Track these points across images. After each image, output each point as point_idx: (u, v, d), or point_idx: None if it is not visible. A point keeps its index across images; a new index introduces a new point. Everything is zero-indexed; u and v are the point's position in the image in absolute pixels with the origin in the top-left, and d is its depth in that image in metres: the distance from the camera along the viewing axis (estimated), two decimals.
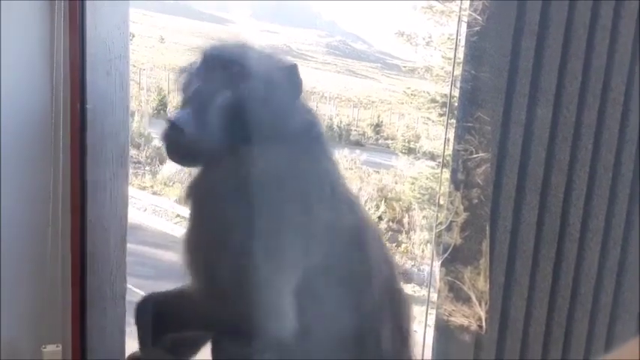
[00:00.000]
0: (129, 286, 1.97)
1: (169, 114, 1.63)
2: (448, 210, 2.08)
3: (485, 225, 2.05)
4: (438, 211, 2.18)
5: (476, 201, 2.05)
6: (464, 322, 2.08)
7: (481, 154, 2.02)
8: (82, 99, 1.77)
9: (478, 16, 1.97)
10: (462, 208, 2.05)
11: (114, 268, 1.92)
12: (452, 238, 2.07)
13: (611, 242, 2.16)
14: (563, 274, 2.14)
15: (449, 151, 2.13)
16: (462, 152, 2.04)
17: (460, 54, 2.07)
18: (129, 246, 1.96)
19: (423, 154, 9.60)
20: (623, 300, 2.20)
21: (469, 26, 2.00)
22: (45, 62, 1.74)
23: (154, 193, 9.35)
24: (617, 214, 2.15)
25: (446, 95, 7.56)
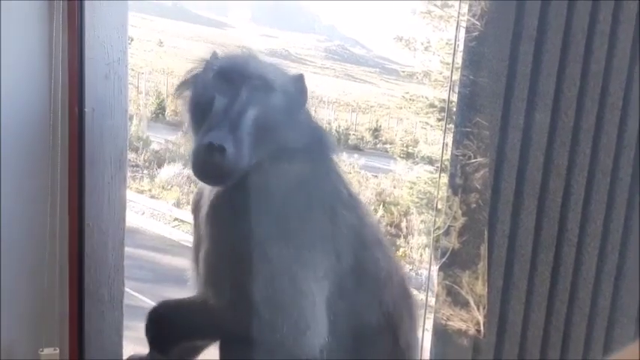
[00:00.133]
0: (127, 289, 1.97)
1: (204, 137, 1.58)
2: (446, 214, 2.08)
3: (483, 229, 2.05)
4: (436, 216, 2.18)
5: (474, 205, 2.05)
6: (462, 326, 2.08)
7: (479, 159, 2.02)
8: (80, 102, 1.77)
9: (477, 21, 1.97)
10: (460, 212, 2.05)
11: (112, 271, 1.92)
12: (450, 243, 2.07)
13: (609, 247, 2.16)
14: (561, 278, 2.14)
15: (447, 155, 2.13)
16: (461, 157, 2.04)
17: (459, 59, 2.07)
18: (127, 249, 1.95)
19: (422, 158, 9.61)
20: (621, 304, 2.20)
21: (468, 31, 2.00)
22: (44, 66, 1.74)
23: (152, 197, 9.36)
24: (615, 218, 2.15)
25: (444, 100, 7.57)
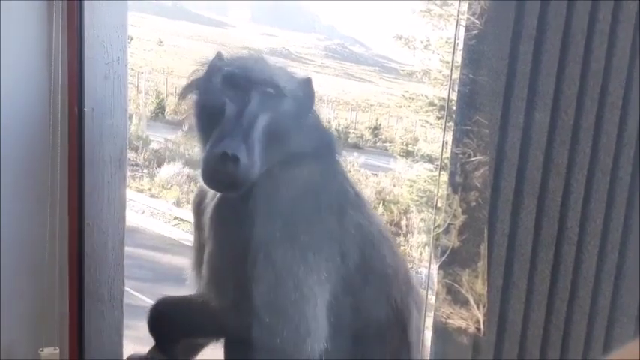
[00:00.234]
0: (127, 288, 1.97)
1: (217, 145, 1.56)
2: (446, 213, 2.08)
3: (483, 228, 2.05)
4: (435, 214, 2.18)
5: (474, 204, 2.05)
6: (462, 324, 2.08)
7: (479, 158, 2.02)
8: (80, 102, 1.77)
9: (476, 20, 1.97)
10: (460, 211, 2.05)
11: (112, 270, 1.92)
12: (450, 241, 2.07)
13: (609, 245, 2.16)
14: (561, 277, 2.14)
15: (447, 154, 2.13)
16: (460, 155, 2.04)
17: (458, 57, 2.07)
18: (127, 249, 1.95)
19: (421, 157, 9.61)
20: (621, 303, 2.20)
21: (467, 30, 2.00)
22: (43, 65, 1.74)
23: (152, 196, 9.36)
24: (614, 217, 2.15)
25: (444, 98, 7.57)
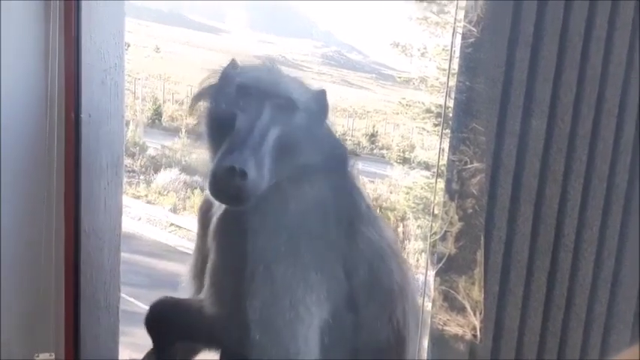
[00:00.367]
0: (122, 294, 1.97)
1: (226, 158, 1.48)
2: (443, 220, 2.08)
3: (479, 235, 2.05)
4: (432, 221, 2.18)
5: (470, 211, 2.05)
6: (458, 331, 2.08)
7: (476, 165, 2.02)
8: (76, 108, 1.77)
9: (473, 28, 1.98)
10: (456, 217, 2.05)
11: (108, 276, 1.91)
12: (446, 248, 2.07)
13: (606, 252, 2.17)
14: (557, 284, 2.14)
15: (443, 161, 2.13)
16: (457, 162, 2.04)
17: (455, 65, 2.08)
18: (123, 255, 1.95)
19: (418, 164, 9.61)
20: (618, 310, 2.20)
21: (464, 37, 2.01)
22: (40, 71, 1.74)
23: (149, 202, 9.34)
24: (611, 224, 2.15)
25: (441, 106, 7.58)
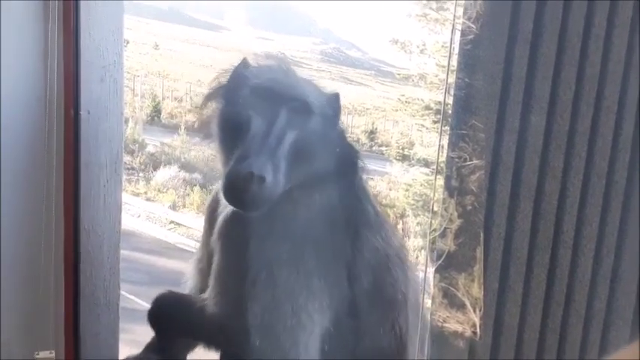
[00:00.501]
0: (122, 292, 1.96)
1: (243, 163, 1.46)
2: (442, 217, 2.08)
3: (479, 232, 2.05)
4: (432, 218, 2.18)
5: (470, 208, 2.05)
6: (458, 328, 2.08)
7: (475, 162, 2.02)
8: (76, 105, 1.77)
9: (472, 24, 1.98)
10: (456, 214, 2.06)
11: (107, 274, 1.91)
12: (446, 245, 2.07)
13: (605, 249, 2.17)
14: (557, 280, 2.14)
15: (443, 158, 2.13)
16: (456, 159, 2.04)
17: (454, 62, 2.08)
18: (122, 252, 1.95)
19: (417, 160, 9.60)
20: (617, 306, 2.21)
21: (463, 34, 2.01)
22: (39, 68, 1.74)
23: (148, 200, 9.33)
24: (610, 221, 2.15)
25: (440, 102, 7.58)
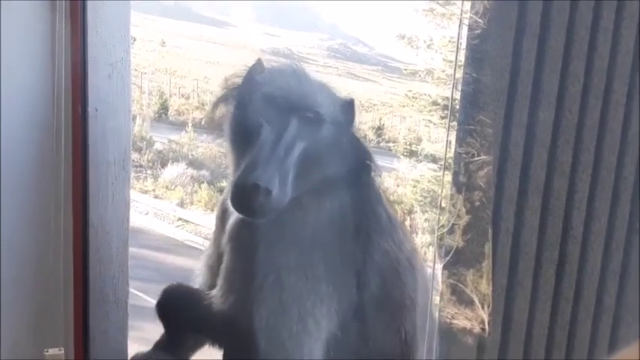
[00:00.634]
0: (131, 289, 1.97)
1: (250, 174, 1.44)
2: (450, 213, 2.08)
3: (487, 228, 2.04)
4: (439, 214, 2.18)
5: (478, 204, 2.04)
6: (466, 324, 2.08)
7: (483, 157, 2.02)
8: (83, 103, 1.77)
9: (479, 19, 1.97)
10: (464, 210, 2.05)
11: (116, 271, 1.92)
12: (454, 241, 2.07)
13: (614, 244, 2.16)
14: (565, 276, 2.13)
15: (450, 153, 2.12)
16: (464, 155, 2.04)
17: (461, 57, 2.07)
18: (131, 249, 1.96)
19: (425, 156, 9.58)
20: (626, 302, 2.20)
21: (470, 29, 2.00)
22: (47, 66, 1.74)
23: (156, 197, 9.36)
24: (619, 216, 2.14)
25: (447, 98, 7.56)
